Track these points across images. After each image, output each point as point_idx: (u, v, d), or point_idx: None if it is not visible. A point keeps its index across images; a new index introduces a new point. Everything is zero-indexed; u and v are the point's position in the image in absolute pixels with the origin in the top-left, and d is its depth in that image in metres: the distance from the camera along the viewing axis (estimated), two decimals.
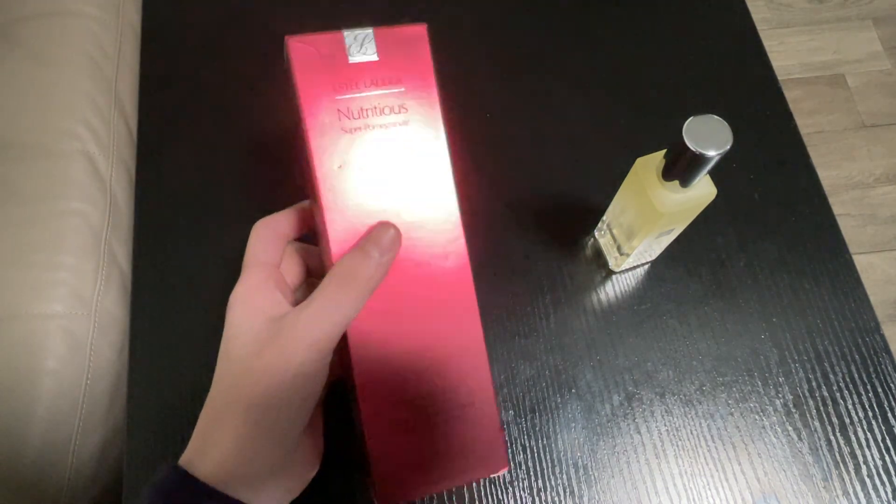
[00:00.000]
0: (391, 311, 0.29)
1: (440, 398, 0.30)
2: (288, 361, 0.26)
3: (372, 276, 0.27)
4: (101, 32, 0.59)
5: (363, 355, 0.29)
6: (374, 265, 0.27)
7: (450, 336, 0.31)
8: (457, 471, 0.31)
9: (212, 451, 0.26)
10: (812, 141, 1.19)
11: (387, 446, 0.30)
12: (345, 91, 0.29)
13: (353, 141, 0.29)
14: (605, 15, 0.58)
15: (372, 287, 0.28)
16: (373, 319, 0.29)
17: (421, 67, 0.30)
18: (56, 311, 0.47)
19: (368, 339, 0.29)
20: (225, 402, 0.27)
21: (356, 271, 0.27)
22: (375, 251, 0.27)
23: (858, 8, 1.32)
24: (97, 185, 0.53)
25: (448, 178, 0.31)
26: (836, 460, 0.42)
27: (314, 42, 0.29)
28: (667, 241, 0.44)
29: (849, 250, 0.48)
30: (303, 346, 0.26)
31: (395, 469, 0.30)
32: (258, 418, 0.26)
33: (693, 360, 0.45)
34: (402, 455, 0.30)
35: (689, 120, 0.32)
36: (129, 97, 0.60)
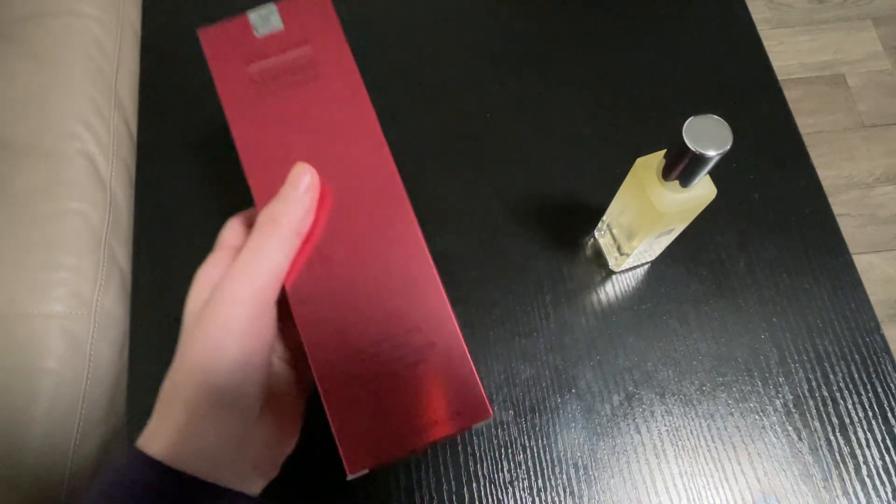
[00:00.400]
0: (329, 260, 0.28)
1: (397, 343, 0.28)
2: (222, 322, 0.25)
3: (293, 217, 0.27)
4: (101, 32, 0.59)
5: (305, 311, 0.28)
6: (292, 205, 0.27)
7: (396, 274, 0.29)
8: (431, 425, 0.27)
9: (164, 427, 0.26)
10: (812, 141, 1.19)
11: (347, 407, 0.27)
12: (255, 62, 0.30)
13: (268, 103, 0.30)
14: (606, 15, 0.58)
15: (295, 229, 0.27)
16: (310, 271, 0.28)
17: (327, 27, 0.31)
18: (56, 311, 0.47)
19: (308, 292, 0.28)
20: (173, 377, 0.26)
21: (276, 215, 0.27)
22: (291, 191, 0.27)
23: (858, 8, 1.32)
24: (97, 185, 0.53)
25: (372, 121, 0.30)
26: (836, 460, 0.42)
27: (223, 27, 0.31)
28: (667, 241, 0.44)
29: (849, 250, 0.48)
30: (234, 303, 0.25)
31: (361, 432, 0.27)
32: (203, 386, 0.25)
33: (693, 360, 0.45)
34: (366, 415, 0.27)
35: (689, 120, 0.32)
36: (129, 97, 0.59)
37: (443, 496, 0.41)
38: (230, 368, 0.25)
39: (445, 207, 0.50)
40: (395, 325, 0.28)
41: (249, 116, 0.30)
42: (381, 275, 0.28)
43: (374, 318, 0.28)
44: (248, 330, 0.25)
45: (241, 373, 0.26)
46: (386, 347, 0.28)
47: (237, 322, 0.25)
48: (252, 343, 0.26)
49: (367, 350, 0.28)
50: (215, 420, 0.25)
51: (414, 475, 0.42)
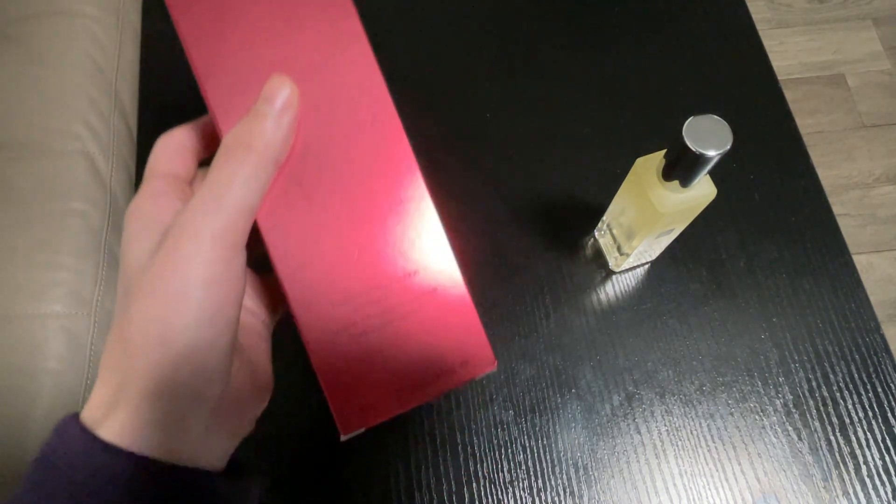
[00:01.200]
0: (309, 194, 0.24)
1: (392, 290, 0.24)
2: (183, 268, 0.20)
3: (270, 142, 0.22)
4: (101, 32, 0.59)
5: (286, 254, 0.24)
6: (270, 127, 0.22)
7: (390, 212, 0.25)
8: (432, 378, 0.25)
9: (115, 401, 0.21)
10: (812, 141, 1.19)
11: (337, 363, 0.24)
12: None
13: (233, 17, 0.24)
14: (606, 15, 0.58)
15: (272, 156, 0.22)
16: (287, 207, 0.24)
17: None
18: (56, 311, 0.47)
19: (288, 231, 0.24)
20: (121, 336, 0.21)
21: (249, 138, 0.22)
22: (269, 108, 0.22)
23: (858, 8, 1.32)
24: (97, 185, 0.53)
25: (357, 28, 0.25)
26: (836, 460, 0.42)
27: None
28: (667, 241, 0.44)
29: (849, 250, 0.48)
30: (198, 245, 0.20)
31: (354, 389, 0.24)
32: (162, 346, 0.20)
33: (693, 360, 0.45)
34: (359, 370, 0.24)
35: (689, 120, 0.32)
36: (129, 97, 0.59)
37: (443, 496, 0.41)
38: (196, 324, 0.20)
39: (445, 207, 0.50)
40: (390, 269, 0.24)
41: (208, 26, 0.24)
42: (371, 212, 0.24)
43: (365, 261, 0.24)
44: (215, 277, 0.21)
45: (210, 329, 0.21)
46: (379, 295, 0.24)
47: (202, 268, 0.20)
48: (221, 293, 0.21)
49: (357, 298, 0.24)
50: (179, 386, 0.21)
51: (414, 475, 0.42)
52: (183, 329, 0.20)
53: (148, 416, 0.20)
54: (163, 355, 0.20)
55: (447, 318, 0.25)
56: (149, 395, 0.20)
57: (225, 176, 0.21)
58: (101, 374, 0.22)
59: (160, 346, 0.20)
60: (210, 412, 0.22)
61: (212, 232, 0.21)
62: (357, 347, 0.24)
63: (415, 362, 0.25)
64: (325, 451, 0.43)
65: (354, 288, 0.24)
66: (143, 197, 0.23)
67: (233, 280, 0.22)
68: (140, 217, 0.23)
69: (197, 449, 0.22)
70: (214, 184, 0.21)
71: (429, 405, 0.44)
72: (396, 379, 0.25)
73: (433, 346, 0.25)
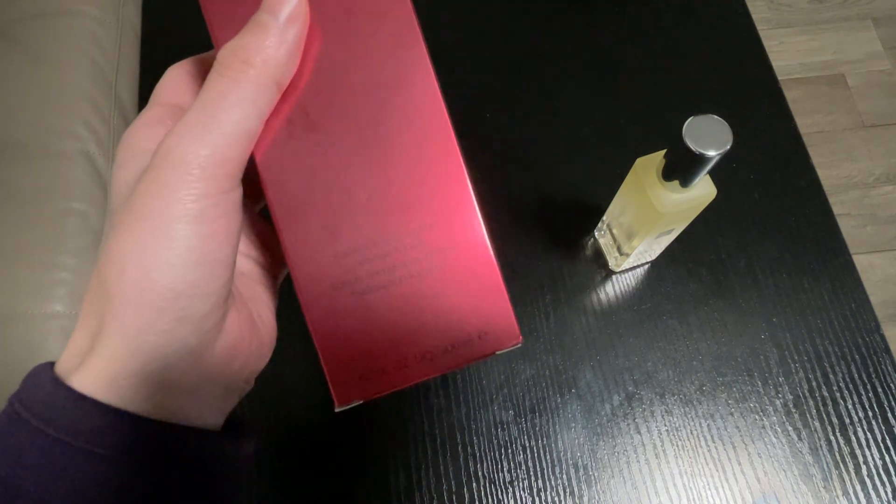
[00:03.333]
0: (316, 126, 0.21)
1: (405, 244, 0.21)
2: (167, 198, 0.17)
3: (271, 57, 0.19)
4: (101, 32, 0.59)
5: (284, 193, 0.21)
6: (273, 40, 0.19)
7: (407, 154, 0.21)
8: (443, 349, 0.22)
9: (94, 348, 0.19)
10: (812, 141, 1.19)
11: (336, 321, 0.21)
12: None
13: None
14: (605, 15, 0.58)
15: (273, 74, 0.19)
16: (291, 140, 0.21)
17: None
18: (56, 311, 0.47)
19: (288, 167, 0.21)
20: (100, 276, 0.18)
21: (246, 52, 0.18)
22: (271, 19, 0.19)
23: (858, 8, 1.32)
24: (97, 185, 0.53)
25: None
26: (836, 460, 0.42)
27: None
28: (667, 241, 0.44)
29: (849, 250, 0.48)
30: (182, 168, 0.18)
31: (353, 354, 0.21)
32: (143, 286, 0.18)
33: (693, 360, 0.45)
34: (360, 333, 0.21)
35: (689, 120, 0.32)
36: (129, 97, 0.59)
37: (443, 496, 0.41)
38: (181, 263, 0.18)
39: None
40: (404, 220, 0.21)
41: None
42: (386, 151, 0.21)
43: (375, 207, 0.21)
44: (204, 212, 0.18)
45: (197, 270, 0.18)
46: (389, 248, 0.21)
47: (188, 200, 0.18)
48: (210, 230, 0.18)
49: (363, 250, 0.21)
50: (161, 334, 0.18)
51: (414, 475, 0.42)
52: (165, 269, 0.18)
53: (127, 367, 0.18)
54: (142, 298, 0.18)
55: (466, 281, 0.22)
56: (127, 344, 0.18)
57: (217, 94, 0.18)
58: (81, 318, 0.19)
59: (138, 287, 0.18)
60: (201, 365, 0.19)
61: (199, 159, 0.18)
62: (359, 307, 0.21)
63: (425, 329, 0.21)
64: (325, 452, 0.43)
65: (361, 238, 0.21)
66: (138, 124, 0.21)
67: (225, 216, 0.19)
68: (133, 145, 0.20)
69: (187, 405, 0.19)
70: (205, 103, 0.18)
71: (429, 405, 0.44)
72: (403, 347, 0.21)
73: (447, 311, 0.22)
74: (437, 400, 0.44)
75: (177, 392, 0.19)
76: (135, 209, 0.18)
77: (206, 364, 0.19)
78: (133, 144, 0.20)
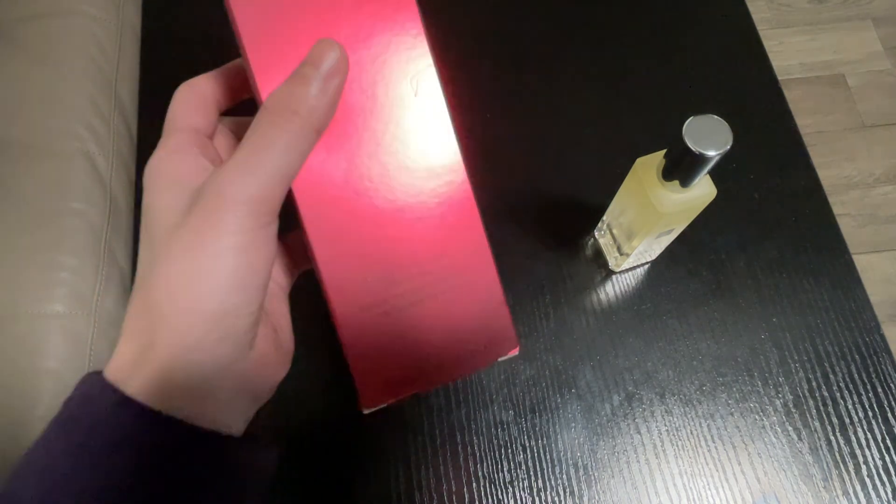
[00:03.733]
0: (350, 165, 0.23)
1: (425, 269, 0.24)
2: (216, 233, 0.20)
3: (315, 108, 0.21)
4: (101, 32, 0.59)
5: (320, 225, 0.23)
6: (315, 92, 0.21)
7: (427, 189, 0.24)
8: (455, 359, 0.25)
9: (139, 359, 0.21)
10: (812, 141, 1.19)
11: (364, 337, 0.24)
12: None
13: None
14: (606, 15, 0.58)
15: (316, 123, 0.21)
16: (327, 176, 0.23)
17: None
18: (56, 311, 0.47)
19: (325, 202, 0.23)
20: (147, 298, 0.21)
21: (293, 102, 0.21)
22: (316, 73, 0.21)
23: (858, 8, 1.32)
24: (97, 185, 0.53)
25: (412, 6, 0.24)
26: (836, 460, 0.42)
27: None
28: (667, 241, 0.44)
29: (849, 250, 0.48)
30: (232, 205, 0.20)
31: (379, 364, 0.25)
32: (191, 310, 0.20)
33: (693, 360, 0.45)
34: (385, 346, 0.24)
35: (689, 120, 0.32)
36: (129, 97, 0.59)
37: (443, 496, 0.41)
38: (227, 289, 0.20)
39: None
40: (424, 251, 0.24)
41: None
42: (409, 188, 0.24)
43: (401, 238, 0.24)
44: (248, 243, 0.20)
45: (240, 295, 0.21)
46: (411, 273, 0.24)
47: (236, 234, 0.20)
48: (252, 259, 0.21)
49: (389, 276, 0.24)
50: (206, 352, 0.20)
51: (414, 475, 0.42)
52: (213, 294, 0.20)
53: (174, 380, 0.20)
54: (191, 321, 0.20)
55: (475, 300, 0.25)
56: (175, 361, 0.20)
57: (266, 141, 0.20)
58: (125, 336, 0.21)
59: (188, 311, 0.20)
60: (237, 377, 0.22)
61: (247, 197, 0.20)
62: (384, 324, 0.24)
63: (440, 342, 0.25)
64: (324, 452, 0.43)
65: (387, 266, 0.24)
66: (166, 152, 0.23)
67: (265, 247, 0.21)
68: (164, 173, 0.22)
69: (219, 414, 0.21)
70: (254, 148, 0.20)
71: (429, 405, 0.44)
72: (420, 358, 0.25)
73: (459, 327, 0.25)
74: (437, 400, 0.44)
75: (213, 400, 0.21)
76: (186, 240, 0.20)
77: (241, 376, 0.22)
78: (165, 172, 0.22)
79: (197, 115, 0.24)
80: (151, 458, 0.20)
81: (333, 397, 0.44)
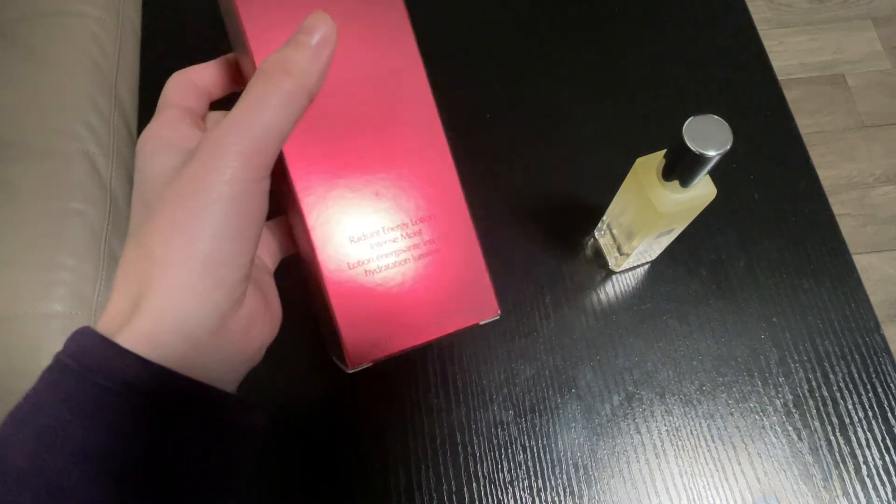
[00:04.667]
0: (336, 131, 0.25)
1: (409, 232, 0.26)
2: (211, 174, 0.21)
3: (306, 70, 0.22)
4: (101, 32, 0.59)
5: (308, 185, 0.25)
6: (309, 55, 0.22)
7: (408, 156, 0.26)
8: (437, 319, 0.27)
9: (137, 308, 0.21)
10: (812, 141, 1.19)
11: (351, 296, 0.25)
12: None
13: None
14: (606, 15, 0.58)
15: (308, 86, 0.23)
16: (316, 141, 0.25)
17: None
18: (56, 311, 0.47)
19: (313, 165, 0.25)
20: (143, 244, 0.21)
21: (287, 64, 0.22)
22: (308, 39, 0.23)
23: (858, 8, 1.32)
24: (97, 185, 0.53)
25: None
26: (836, 460, 0.42)
27: None
28: (667, 241, 0.44)
29: (849, 250, 0.48)
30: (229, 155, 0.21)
31: (365, 323, 0.26)
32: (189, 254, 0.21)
33: (693, 360, 0.45)
34: (371, 305, 0.26)
35: (689, 120, 0.32)
36: (129, 97, 0.60)
37: (443, 496, 0.41)
38: (221, 235, 0.21)
39: None
40: (405, 213, 0.26)
41: None
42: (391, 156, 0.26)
43: (383, 202, 0.26)
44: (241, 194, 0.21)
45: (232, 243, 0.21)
46: (394, 236, 0.26)
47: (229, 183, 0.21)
48: (245, 209, 0.22)
49: (373, 236, 0.26)
50: (199, 296, 0.21)
51: (414, 475, 0.42)
52: (207, 239, 0.21)
53: (168, 325, 0.20)
54: (186, 264, 0.20)
55: (456, 264, 0.27)
56: (170, 304, 0.20)
57: (260, 96, 0.22)
58: (118, 286, 0.22)
59: (184, 255, 0.20)
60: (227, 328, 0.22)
61: (240, 149, 0.21)
62: (370, 283, 0.26)
63: (423, 302, 0.26)
64: (325, 452, 0.43)
65: (371, 226, 0.26)
66: (160, 122, 0.24)
67: (257, 200, 0.22)
68: (158, 139, 0.23)
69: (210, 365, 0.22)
70: (249, 103, 0.21)
71: (429, 405, 0.44)
72: (404, 317, 0.26)
73: (441, 288, 0.27)
74: (437, 400, 0.44)
75: (205, 352, 0.21)
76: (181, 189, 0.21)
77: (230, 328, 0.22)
78: (160, 138, 0.23)
79: (189, 98, 0.25)
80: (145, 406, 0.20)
81: (333, 397, 0.44)
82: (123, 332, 0.20)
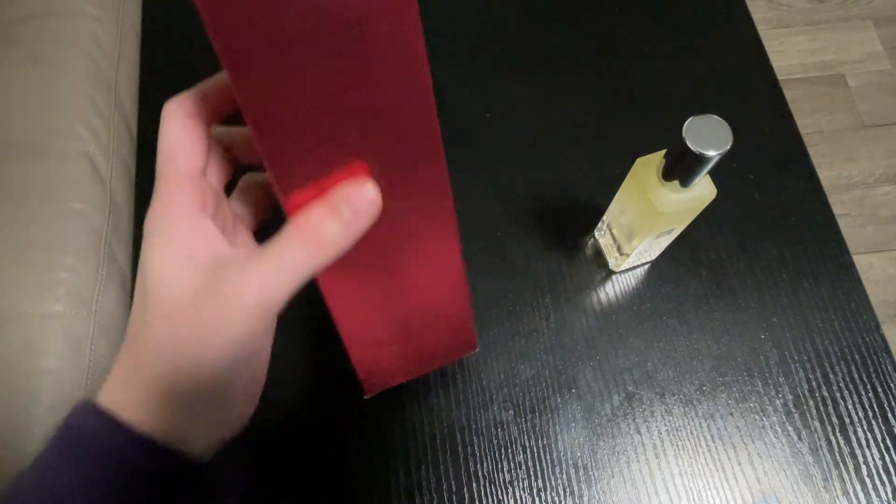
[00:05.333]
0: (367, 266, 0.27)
1: (416, 315, 0.31)
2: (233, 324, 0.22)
3: (338, 244, 0.23)
4: (101, 32, 0.59)
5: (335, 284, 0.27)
6: (341, 230, 0.23)
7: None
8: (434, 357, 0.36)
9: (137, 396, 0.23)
10: (812, 141, 1.19)
11: (368, 357, 0.32)
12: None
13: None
14: (606, 15, 0.58)
15: (337, 253, 0.23)
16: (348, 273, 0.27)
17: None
18: (56, 311, 0.47)
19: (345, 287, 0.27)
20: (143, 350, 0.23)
21: (321, 231, 0.22)
22: (347, 212, 0.23)
23: (858, 8, 1.32)
24: (97, 185, 0.53)
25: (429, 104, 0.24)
26: (836, 460, 0.42)
27: None
28: (667, 241, 0.44)
29: (849, 250, 0.48)
30: (250, 306, 0.22)
31: (377, 370, 0.33)
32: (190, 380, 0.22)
33: (693, 360, 0.45)
34: (382, 360, 0.33)
35: (689, 120, 0.32)
36: (129, 97, 0.59)
37: (443, 496, 0.41)
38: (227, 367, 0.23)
39: None
40: (420, 303, 0.31)
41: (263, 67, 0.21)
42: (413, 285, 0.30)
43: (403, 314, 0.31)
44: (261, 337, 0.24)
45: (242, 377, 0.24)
46: (407, 327, 0.32)
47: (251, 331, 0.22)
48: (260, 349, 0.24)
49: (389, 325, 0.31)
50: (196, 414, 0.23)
51: (414, 475, 0.42)
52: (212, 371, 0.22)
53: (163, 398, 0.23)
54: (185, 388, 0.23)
55: (453, 328, 0.34)
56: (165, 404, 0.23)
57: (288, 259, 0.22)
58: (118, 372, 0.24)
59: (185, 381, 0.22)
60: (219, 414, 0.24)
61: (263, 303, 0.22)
62: (384, 350, 0.33)
63: (422, 353, 0.35)
64: (325, 452, 0.43)
65: (389, 328, 0.31)
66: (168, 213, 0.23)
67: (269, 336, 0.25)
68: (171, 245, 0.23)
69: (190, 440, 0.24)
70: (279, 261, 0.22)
71: (429, 405, 0.44)
72: (408, 362, 0.35)
73: (438, 345, 0.35)
74: (437, 400, 0.44)
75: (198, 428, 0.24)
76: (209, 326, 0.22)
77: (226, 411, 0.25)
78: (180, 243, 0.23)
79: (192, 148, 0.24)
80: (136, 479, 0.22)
81: (333, 398, 0.44)
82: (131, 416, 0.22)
